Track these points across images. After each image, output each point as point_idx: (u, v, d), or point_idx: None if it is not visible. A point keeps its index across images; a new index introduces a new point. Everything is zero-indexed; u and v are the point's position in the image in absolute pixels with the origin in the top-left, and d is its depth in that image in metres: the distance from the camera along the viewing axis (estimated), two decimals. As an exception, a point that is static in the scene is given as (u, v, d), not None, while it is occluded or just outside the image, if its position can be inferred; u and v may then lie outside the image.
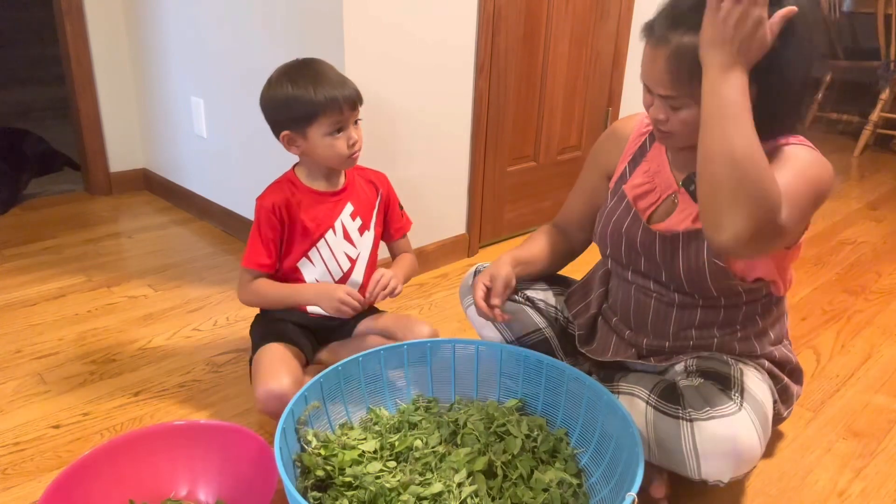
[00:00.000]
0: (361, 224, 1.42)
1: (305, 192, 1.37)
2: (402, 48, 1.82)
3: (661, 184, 1.17)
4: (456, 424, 1.18)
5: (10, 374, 1.55)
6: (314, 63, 1.33)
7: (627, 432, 1.03)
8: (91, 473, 1.09)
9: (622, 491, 0.95)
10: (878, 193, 3.12)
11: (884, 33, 3.61)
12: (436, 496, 1.02)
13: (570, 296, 1.38)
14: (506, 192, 2.32)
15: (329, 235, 1.38)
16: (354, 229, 1.41)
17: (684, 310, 1.17)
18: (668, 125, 1.04)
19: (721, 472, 1.02)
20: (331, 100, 1.26)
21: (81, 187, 2.80)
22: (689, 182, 1.12)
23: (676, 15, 0.96)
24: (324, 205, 1.38)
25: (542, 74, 2.29)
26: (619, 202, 1.22)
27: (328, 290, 1.33)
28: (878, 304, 2.02)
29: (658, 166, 1.18)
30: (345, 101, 1.27)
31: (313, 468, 1.06)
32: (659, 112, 1.03)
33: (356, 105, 1.31)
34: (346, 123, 1.29)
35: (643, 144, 1.23)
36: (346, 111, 1.28)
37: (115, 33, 2.59)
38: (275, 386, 1.23)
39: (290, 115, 1.28)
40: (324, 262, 1.39)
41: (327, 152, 1.30)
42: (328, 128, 1.28)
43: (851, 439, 1.40)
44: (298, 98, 1.26)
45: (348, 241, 1.40)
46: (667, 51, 0.96)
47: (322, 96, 1.26)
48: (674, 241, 1.13)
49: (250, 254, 1.35)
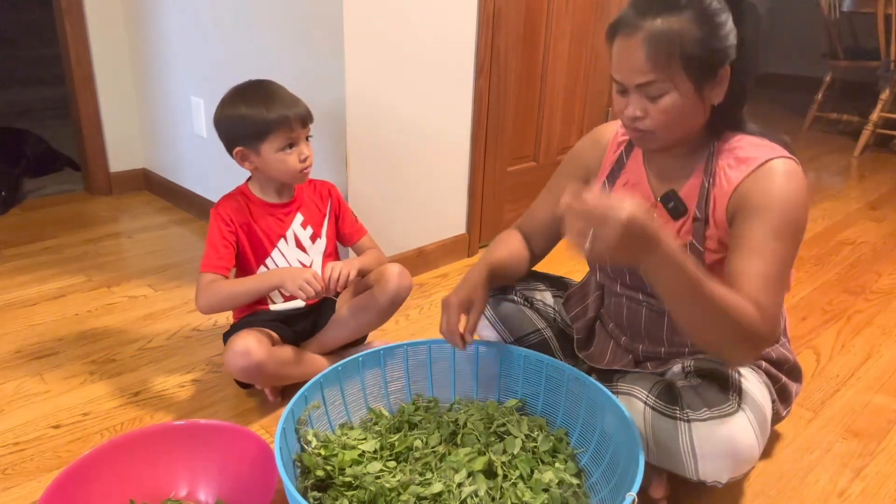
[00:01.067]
0: (313, 232, 1.49)
1: (258, 203, 1.44)
2: (401, 48, 1.82)
3: (640, 197, 1.15)
4: (456, 424, 1.18)
5: (10, 374, 1.55)
6: (266, 84, 1.41)
7: (628, 433, 1.03)
8: (91, 473, 1.09)
9: (622, 491, 0.95)
10: (878, 193, 3.12)
11: (884, 33, 3.60)
12: (436, 496, 1.02)
13: (567, 298, 1.38)
14: (506, 192, 2.32)
15: (281, 244, 1.45)
16: (306, 237, 1.48)
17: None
18: (647, 121, 1.02)
19: (719, 472, 1.02)
20: (282, 117, 1.34)
21: (81, 187, 2.80)
22: (666, 199, 1.12)
23: (641, 5, 0.98)
24: (274, 216, 1.45)
25: (542, 74, 2.29)
26: None
27: (293, 271, 1.36)
28: (878, 304, 2.02)
29: (637, 178, 1.17)
30: (296, 119, 1.35)
31: (313, 468, 1.06)
32: (636, 108, 1.02)
33: (307, 122, 1.39)
34: (297, 140, 1.37)
35: (620, 157, 1.21)
36: (296, 128, 1.36)
37: (115, 33, 2.59)
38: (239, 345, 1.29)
39: (244, 132, 1.36)
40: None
41: (279, 167, 1.37)
42: (280, 144, 1.35)
43: (851, 439, 1.40)
44: (252, 116, 1.34)
45: (300, 248, 1.47)
46: (640, 36, 0.97)
47: (274, 114, 1.34)
48: None
49: (209, 259, 1.38)
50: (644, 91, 1.00)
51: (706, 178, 1.07)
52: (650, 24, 0.96)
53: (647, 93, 1.00)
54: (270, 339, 1.38)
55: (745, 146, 1.06)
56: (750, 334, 0.95)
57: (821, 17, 3.96)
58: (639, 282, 1.17)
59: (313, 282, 1.31)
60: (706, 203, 1.07)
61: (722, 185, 1.05)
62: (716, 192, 1.06)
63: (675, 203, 1.11)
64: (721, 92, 1.02)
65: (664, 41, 0.96)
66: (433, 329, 1.78)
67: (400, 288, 1.45)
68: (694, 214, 1.09)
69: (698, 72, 0.98)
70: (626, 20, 0.99)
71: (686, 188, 1.10)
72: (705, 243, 1.08)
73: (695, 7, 0.97)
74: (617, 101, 1.05)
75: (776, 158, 1.03)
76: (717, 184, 1.06)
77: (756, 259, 0.99)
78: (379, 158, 1.88)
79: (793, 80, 5.21)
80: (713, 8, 0.97)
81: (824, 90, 4.13)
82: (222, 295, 1.36)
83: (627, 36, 0.99)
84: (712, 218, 1.07)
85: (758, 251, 1.00)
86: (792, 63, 5.20)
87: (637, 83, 1.00)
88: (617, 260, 0.92)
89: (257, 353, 1.30)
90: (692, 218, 1.09)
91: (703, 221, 1.08)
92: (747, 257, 1.00)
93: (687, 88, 0.99)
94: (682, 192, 1.11)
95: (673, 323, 1.18)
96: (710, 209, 1.07)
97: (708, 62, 0.98)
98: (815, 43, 4.43)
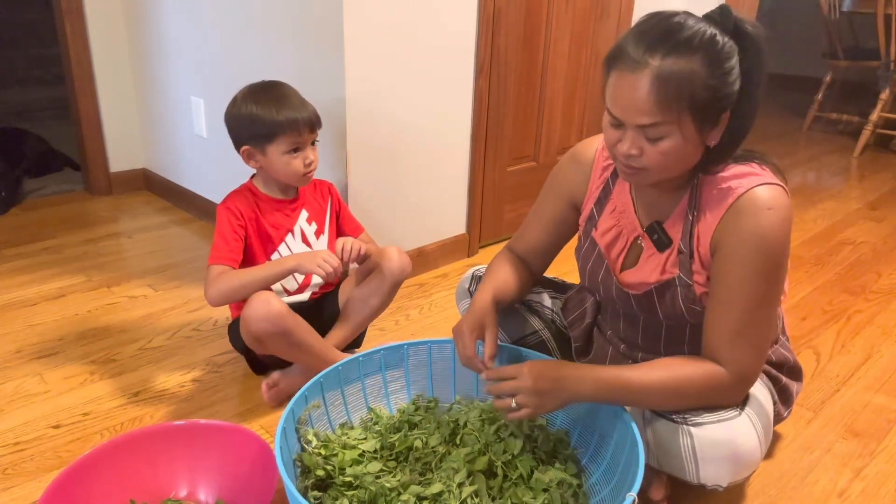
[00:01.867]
0: (317, 228, 1.51)
1: (265, 199, 1.45)
2: (401, 48, 1.82)
3: (627, 225, 1.14)
4: (456, 424, 1.18)
5: (10, 374, 1.55)
6: (278, 86, 1.42)
7: (627, 433, 1.03)
8: (91, 473, 1.09)
9: (622, 491, 0.95)
10: (878, 193, 3.12)
11: (884, 33, 3.61)
12: (436, 496, 1.02)
13: (566, 303, 1.37)
14: (506, 192, 2.32)
15: (289, 239, 1.47)
16: (311, 233, 1.50)
17: (673, 329, 1.16)
18: (643, 160, 0.96)
19: (720, 476, 1.02)
20: (291, 121, 1.35)
21: (81, 187, 2.80)
22: (651, 231, 1.10)
23: (649, 40, 0.91)
24: (282, 211, 1.47)
25: (542, 74, 2.29)
26: (591, 247, 1.19)
27: (308, 253, 1.36)
28: (878, 304, 2.02)
29: (623, 206, 1.15)
30: (304, 124, 1.37)
31: (313, 468, 1.06)
32: (632, 147, 0.95)
33: (315, 128, 1.40)
34: (303, 144, 1.39)
35: (607, 184, 1.17)
36: (304, 133, 1.37)
37: (115, 33, 2.59)
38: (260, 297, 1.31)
39: (252, 132, 1.37)
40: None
41: (284, 169, 1.39)
42: (286, 147, 1.37)
43: (851, 439, 1.40)
44: (261, 117, 1.36)
45: (306, 243, 1.49)
46: (649, 74, 0.90)
47: (283, 117, 1.35)
48: (648, 295, 1.11)
49: (217, 251, 1.37)
50: (644, 131, 0.94)
51: (690, 212, 1.04)
52: (659, 64, 0.89)
53: (647, 134, 0.94)
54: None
55: (728, 176, 1.01)
56: (718, 394, 1.02)
57: (821, 17, 3.96)
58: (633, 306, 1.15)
59: (330, 258, 1.31)
60: (690, 237, 1.05)
61: (706, 219, 1.02)
62: (700, 228, 1.03)
63: (659, 235, 1.09)
64: (718, 134, 0.97)
65: (674, 84, 0.89)
66: (433, 329, 1.79)
67: (403, 264, 1.48)
68: (678, 247, 1.07)
69: (703, 116, 0.93)
70: (632, 55, 0.91)
71: (671, 220, 1.08)
72: (692, 276, 1.06)
73: (707, 49, 0.90)
74: (609, 132, 0.99)
75: (758, 186, 0.98)
76: (701, 218, 1.03)
77: (727, 309, 1.00)
78: (379, 158, 1.88)
79: (793, 80, 5.21)
80: (725, 51, 0.91)
81: (824, 90, 4.14)
82: (234, 284, 1.33)
83: (632, 72, 0.91)
84: (697, 253, 1.04)
85: (729, 300, 0.99)
86: (792, 63, 5.20)
87: (639, 123, 0.93)
88: (547, 410, 1.03)
89: (278, 305, 1.30)
90: (677, 250, 1.07)
91: (688, 255, 1.05)
92: (719, 307, 1.01)
93: (690, 132, 0.93)
94: (667, 223, 1.08)
95: (670, 337, 1.17)
96: (695, 244, 1.04)
97: (714, 107, 0.93)
98: (815, 43, 4.43)
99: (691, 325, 1.13)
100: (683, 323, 1.12)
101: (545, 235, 1.26)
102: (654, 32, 0.92)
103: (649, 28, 0.93)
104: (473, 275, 1.39)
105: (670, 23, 0.92)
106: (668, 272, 1.08)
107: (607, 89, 0.96)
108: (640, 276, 1.12)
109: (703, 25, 0.91)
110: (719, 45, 0.90)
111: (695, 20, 0.92)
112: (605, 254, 1.17)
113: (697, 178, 1.04)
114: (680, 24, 0.91)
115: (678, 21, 0.92)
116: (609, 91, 0.96)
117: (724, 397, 1.03)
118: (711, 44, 0.90)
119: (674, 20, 0.92)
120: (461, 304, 1.40)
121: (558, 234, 1.25)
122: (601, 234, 1.17)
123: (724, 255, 1.00)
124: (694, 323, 1.10)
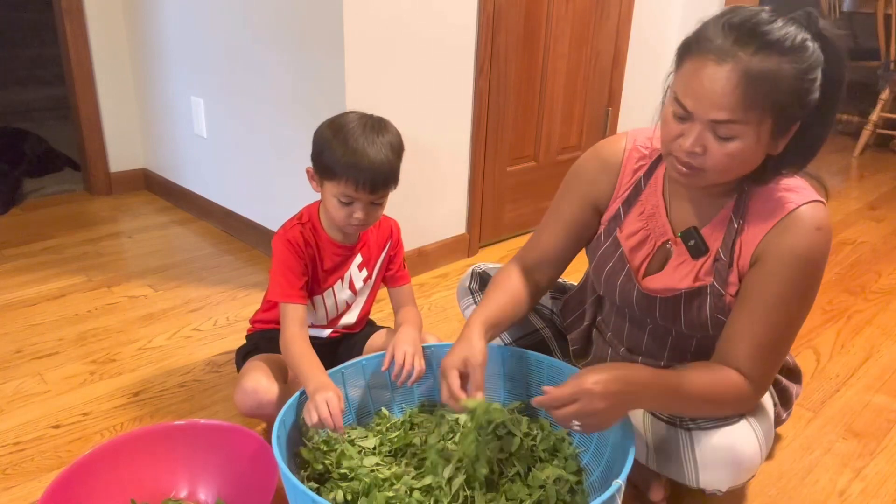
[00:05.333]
0: (367, 275, 1.39)
1: (325, 240, 1.32)
2: (402, 48, 1.82)
3: (656, 229, 1.09)
4: (456, 423, 1.18)
5: (10, 374, 1.55)
6: (375, 127, 1.25)
7: (625, 431, 1.03)
8: (91, 473, 1.09)
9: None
10: (878, 193, 3.12)
11: (884, 33, 3.61)
12: (427, 487, 1.02)
13: (565, 304, 1.36)
14: (506, 192, 2.32)
15: (337, 285, 1.36)
16: (360, 279, 1.38)
17: (679, 339, 1.14)
18: (705, 159, 0.91)
19: (719, 481, 1.02)
20: (350, 172, 1.20)
21: (81, 187, 2.80)
22: (688, 236, 1.05)
23: (739, 32, 0.85)
24: (339, 256, 1.34)
25: (542, 74, 2.29)
26: (612, 248, 1.13)
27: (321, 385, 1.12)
28: (878, 304, 2.02)
29: (653, 209, 1.09)
30: (364, 180, 1.20)
31: (312, 461, 1.06)
32: (696, 144, 0.90)
33: (376, 189, 1.23)
34: (357, 199, 1.22)
35: (638, 183, 1.11)
36: (360, 191, 1.21)
37: (115, 33, 2.59)
38: (248, 383, 1.24)
39: (318, 158, 1.24)
40: (325, 308, 1.38)
41: (330, 209, 1.25)
42: (338, 193, 1.22)
43: (851, 439, 1.40)
44: (330, 149, 1.21)
45: (352, 290, 1.38)
46: (739, 68, 0.84)
47: (346, 161, 1.20)
48: (675, 301, 1.07)
49: (284, 287, 1.26)
50: (715, 128, 0.88)
51: (736, 220, 1.00)
52: (749, 59, 0.84)
53: (718, 131, 0.88)
54: (282, 372, 1.32)
55: (778, 188, 0.98)
56: (739, 404, 1.01)
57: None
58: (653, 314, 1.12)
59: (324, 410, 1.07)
60: (732, 246, 1.00)
61: (751, 230, 0.99)
62: (744, 238, 0.99)
63: (696, 241, 1.04)
64: (783, 144, 0.92)
65: (763, 82, 0.84)
66: (433, 329, 1.79)
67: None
68: (717, 255, 1.02)
69: (782, 122, 0.88)
70: (718, 43, 0.86)
71: (711, 227, 1.03)
72: (727, 287, 1.02)
73: (799, 53, 0.85)
74: (671, 125, 0.92)
75: (809, 203, 0.96)
76: (746, 229, 0.99)
77: (757, 324, 0.98)
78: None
79: (793, 80, 5.20)
80: (814, 58, 0.86)
81: (824, 90, 4.13)
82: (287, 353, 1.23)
83: (717, 62, 0.85)
84: (736, 263, 1.00)
85: (762, 315, 0.97)
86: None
87: (714, 118, 0.87)
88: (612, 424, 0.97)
89: (267, 393, 1.23)
90: (713, 258, 1.03)
91: (727, 264, 1.01)
92: (749, 319, 0.98)
93: (765, 137, 0.89)
94: (705, 230, 1.03)
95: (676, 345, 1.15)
96: (736, 254, 1.00)
97: (793, 114, 0.88)
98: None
99: (701, 336, 1.11)
100: (700, 333, 1.09)
101: (562, 239, 1.18)
102: (744, 24, 0.86)
103: (738, 19, 0.87)
104: (473, 272, 1.38)
105: (761, 17, 0.86)
106: (702, 280, 1.04)
107: (679, 77, 0.91)
108: (669, 281, 1.07)
109: (794, 28, 0.86)
110: (809, 50, 0.86)
111: (783, 21, 0.87)
112: (627, 257, 1.11)
113: (747, 185, 1.00)
114: (771, 21, 0.86)
115: (768, 17, 0.87)
116: (683, 79, 0.90)
117: (742, 406, 1.02)
118: (802, 49, 0.86)
119: (764, 15, 0.87)
120: (462, 301, 1.40)
121: (577, 238, 1.18)
122: (626, 236, 1.11)
123: (764, 270, 0.97)
124: (712, 335, 1.07)
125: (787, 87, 0.85)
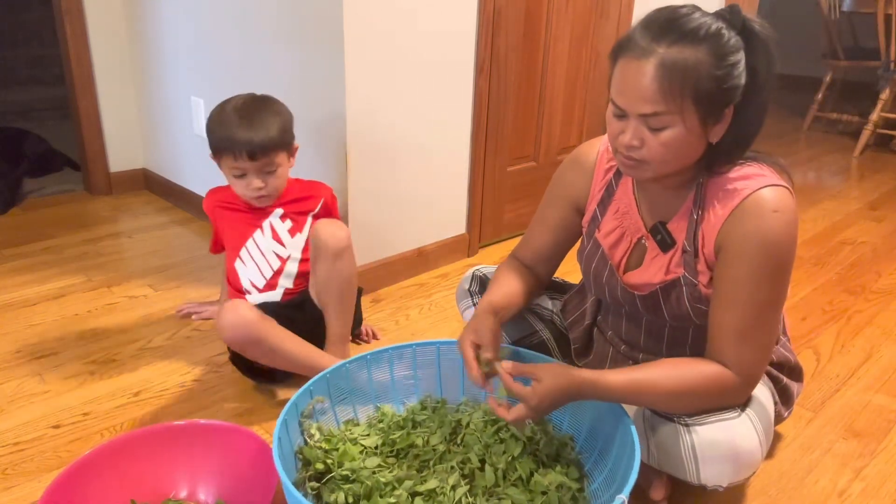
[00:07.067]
0: (293, 226, 1.46)
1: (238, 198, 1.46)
2: (402, 48, 1.82)
3: (630, 226, 1.13)
4: (458, 424, 1.18)
5: (10, 374, 1.55)
6: (249, 102, 1.33)
7: (628, 438, 1.03)
8: (91, 473, 1.09)
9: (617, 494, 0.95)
10: (878, 193, 3.12)
11: (884, 33, 3.61)
12: (430, 492, 1.02)
13: (565, 304, 1.37)
14: (506, 192, 2.32)
15: (257, 235, 1.45)
16: (284, 230, 1.46)
17: (676, 331, 1.16)
18: (643, 151, 0.96)
19: (720, 477, 1.02)
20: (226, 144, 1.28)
21: (81, 187, 2.80)
22: (655, 231, 1.09)
23: (656, 29, 0.92)
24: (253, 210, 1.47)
25: (542, 74, 2.29)
26: (594, 248, 1.19)
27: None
28: (878, 304, 2.02)
29: (626, 206, 1.14)
30: (241, 149, 1.27)
31: (313, 461, 1.06)
32: (634, 138, 0.95)
33: (256, 156, 1.30)
34: (246, 170, 1.31)
35: (610, 184, 1.16)
36: (241, 159, 1.29)
37: (115, 33, 2.59)
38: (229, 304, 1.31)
39: (209, 144, 1.33)
40: (254, 261, 1.46)
41: (232, 186, 1.39)
42: (228, 168, 1.33)
43: (851, 439, 1.40)
44: (210, 130, 1.32)
45: (277, 241, 1.46)
46: (653, 62, 0.90)
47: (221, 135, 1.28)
48: (653, 296, 1.11)
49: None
50: (646, 121, 0.94)
51: (695, 211, 1.04)
52: (665, 51, 0.90)
53: (650, 123, 0.94)
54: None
55: (734, 177, 1.01)
56: (725, 396, 1.02)
57: (821, 17, 3.96)
58: (639, 308, 1.15)
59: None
60: (695, 237, 1.04)
61: (710, 219, 1.02)
62: (704, 227, 1.03)
63: (662, 236, 1.08)
64: (721, 131, 0.96)
65: (678, 71, 0.90)
66: (433, 329, 1.79)
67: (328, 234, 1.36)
68: (683, 246, 1.06)
69: (707, 108, 0.93)
70: (638, 42, 0.92)
71: (675, 220, 1.07)
72: (698, 276, 1.05)
73: (713, 41, 0.91)
74: (612, 124, 0.99)
75: (765, 188, 0.98)
76: (706, 218, 1.03)
77: (732, 310, 0.99)
78: (379, 159, 1.88)
79: (793, 80, 5.20)
80: (731, 45, 0.92)
81: (824, 90, 4.14)
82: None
83: (637, 59, 0.92)
84: (702, 253, 1.04)
85: (735, 301, 0.99)
86: (792, 63, 5.18)
87: (642, 112, 0.93)
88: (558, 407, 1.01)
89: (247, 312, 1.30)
90: (681, 250, 1.07)
91: (693, 254, 1.05)
92: (724, 308, 1.01)
93: (693, 124, 0.93)
94: (671, 223, 1.08)
95: (673, 339, 1.17)
96: (700, 244, 1.04)
97: (718, 100, 0.93)
98: (815, 43, 4.43)
99: (695, 326, 1.13)
100: (688, 324, 1.12)
101: (550, 240, 1.25)
102: (661, 21, 0.93)
103: (657, 18, 0.94)
104: (474, 275, 1.38)
105: (678, 13, 0.93)
106: (673, 272, 1.08)
107: (613, 78, 0.97)
108: (645, 276, 1.11)
109: (710, 19, 0.93)
110: (725, 37, 0.92)
111: (702, 13, 0.94)
112: (608, 255, 1.16)
113: (703, 177, 1.04)
114: (688, 14, 0.93)
115: (686, 12, 0.93)
116: (614, 80, 0.96)
117: (730, 398, 1.03)
118: (717, 36, 0.91)
119: (682, 11, 0.94)
120: (461, 304, 1.40)
121: (564, 237, 1.25)
122: (604, 235, 1.17)
123: (729, 257, 1.00)
124: (699, 324, 1.10)
125: (704, 73, 0.90)
